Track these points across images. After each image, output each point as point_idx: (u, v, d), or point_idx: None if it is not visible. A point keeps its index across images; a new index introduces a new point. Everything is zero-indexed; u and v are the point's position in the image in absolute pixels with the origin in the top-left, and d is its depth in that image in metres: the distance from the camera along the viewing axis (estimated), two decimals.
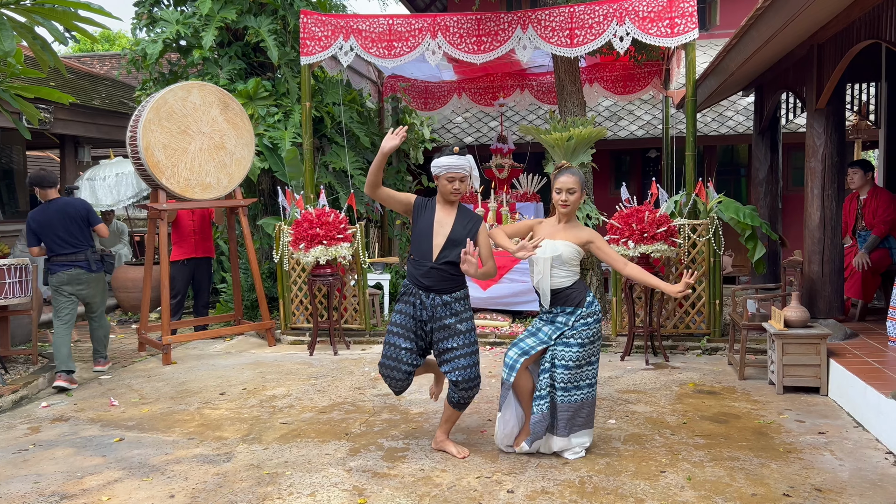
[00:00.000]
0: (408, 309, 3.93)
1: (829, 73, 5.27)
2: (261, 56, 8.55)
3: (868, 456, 3.87)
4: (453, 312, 3.89)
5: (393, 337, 3.95)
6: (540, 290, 3.90)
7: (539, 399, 3.84)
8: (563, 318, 3.88)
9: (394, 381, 3.96)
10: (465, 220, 3.93)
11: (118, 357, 6.87)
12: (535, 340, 3.89)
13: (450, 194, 3.90)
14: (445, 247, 3.86)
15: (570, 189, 3.85)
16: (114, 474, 3.91)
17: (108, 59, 18.28)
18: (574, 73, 7.61)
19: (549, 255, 3.82)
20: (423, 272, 3.87)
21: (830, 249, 5.66)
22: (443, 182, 3.89)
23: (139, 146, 6.32)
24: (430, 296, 3.88)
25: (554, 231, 3.92)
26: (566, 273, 3.86)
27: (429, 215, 3.94)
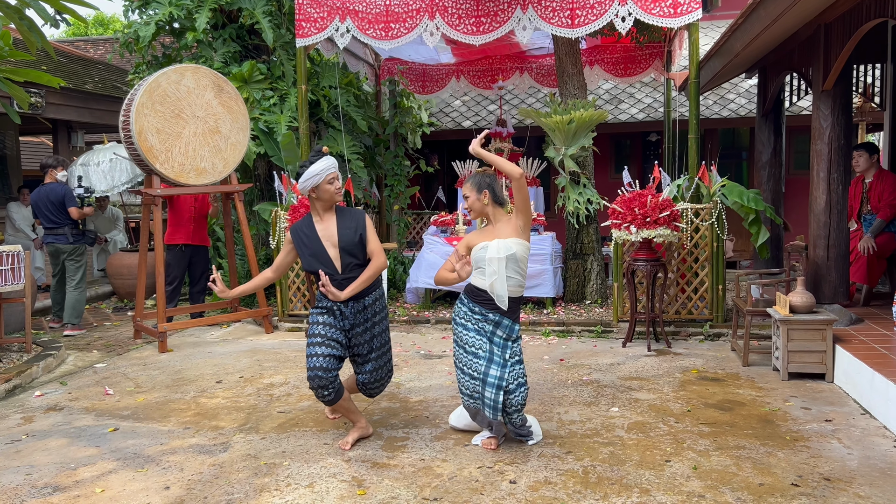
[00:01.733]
0: (328, 319, 3.86)
1: (837, 54, 5.16)
2: (255, 38, 8.40)
3: (876, 444, 3.80)
4: (368, 317, 3.90)
5: (313, 348, 3.82)
6: (495, 294, 3.74)
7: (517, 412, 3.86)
8: (502, 331, 3.80)
9: (324, 389, 3.77)
10: (347, 221, 3.86)
11: (113, 345, 6.78)
12: (497, 368, 3.77)
13: (334, 196, 3.83)
14: (343, 255, 3.80)
15: (465, 196, 3.85)
16: (108, 465, 3.83)
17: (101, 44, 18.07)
18: (575, 54, 7.48)
19: (504, 254, 3.71)
20: (335, 285, 3.80)
21: (836, 234, 5.57)
22: (325, 187, 3.80)
23: (132, 130, 6.20)
24: (349, 304, 3.84)
25: (493, 233, 3.81)
26: (520, 278, 3.79)
27: (311, 233, 3.86)
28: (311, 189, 3.81)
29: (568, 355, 5.87)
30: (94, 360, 6.20)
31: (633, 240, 5.90)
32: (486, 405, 3.76)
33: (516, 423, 3.86)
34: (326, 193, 3.82)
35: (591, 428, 4.14)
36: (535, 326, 6.71)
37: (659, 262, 5.99)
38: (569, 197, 7.28)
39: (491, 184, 3.83)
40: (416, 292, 7.68)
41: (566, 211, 7.34)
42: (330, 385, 3.79)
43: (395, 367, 5.58)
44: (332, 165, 3.83)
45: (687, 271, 6.41)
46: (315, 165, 3.78)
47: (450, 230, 7.87)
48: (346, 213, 3.91)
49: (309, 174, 3.76)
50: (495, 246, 3.73)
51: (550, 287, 7.14)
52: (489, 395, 3.75)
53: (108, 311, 8.78)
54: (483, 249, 3.76)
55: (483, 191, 3.81)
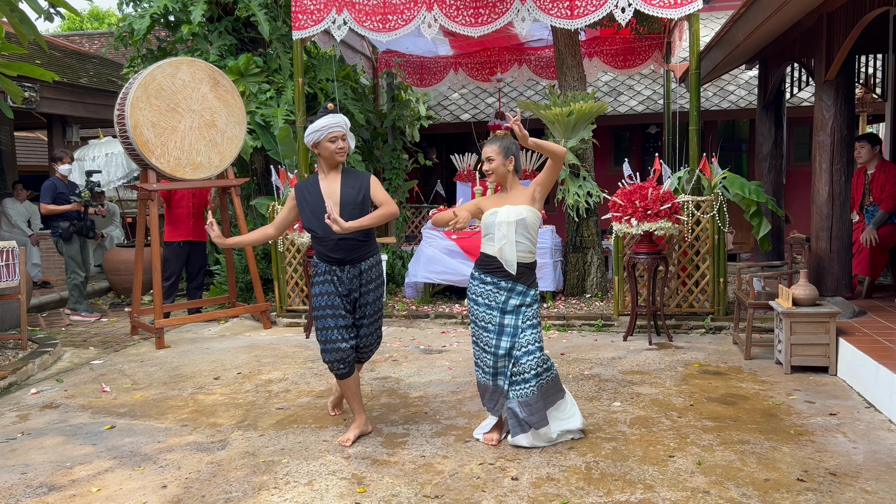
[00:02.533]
0: (328, 288, 3.80)
1: (840, 44, 5.09)
2: (251, 31, 8.32)
3: (882, 438, 3.75)
4: (365, 282, 3.83)
5: (323, 321, 3.81)
6: (504, 259, 3.70)
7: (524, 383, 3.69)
8: (516, 298, 3.72)
9: (339, 362, 3.81)
10: (351, 181, 3.80)
11: (110, 341, 6.72)
12: (508, 339, 3.71)
13: (335, 154, 3.76)
14: (342, 215, 3.72)
15: (488, 157, 3.75)
16: (104, 464, 3.78)
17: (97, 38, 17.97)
18: (574, 46, 7.41)
19: (514, 218, 3.67)
20: (331, 246, 3.75)
21: (839, 226, 5.52)
22: (325, 144, 3.75)
23: (127, 125, 6.13)
24: (344, 268, 3.78)
25: (505, 200, 3.76)
26: (530, 244, 3.72)
27: (314, 190, 3.81)
28: (312, 144, 3.79)
29: (569, 349, 5.83)
30: (91, 356, 6.14)
31: (634, 233, 5.84)
32: (496, 376, 3.74)
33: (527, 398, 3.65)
34: (326, 151, 3.77)
35: (594, 423, 4.09)
36: None
37: (660, 255, 5.94)
38: (568, 190, 7.22)
39: (516, 152, 3.78)
40: (415, 287, 7.63)
41: (566, 204, 7.28)
42: (346, 359, 3.82)
43: (395, 362, 5.55)
44: (335, 124, 3.75)
45: (688, 264, 6.36)
46: (318, 122, 3.75)
47: None
48: (352, 174, 3.85)
49: (310, 129, 3.75)
50: (505, 211, 3.69)
51: (550, 281, 7.09)
52: (501, 364, 3.72)
53: (104, 306, 8.71)
54: (493, 215, 3.71)
55: (510, 157, 3.75)
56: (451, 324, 6.89)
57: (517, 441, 3.75)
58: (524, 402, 3.69)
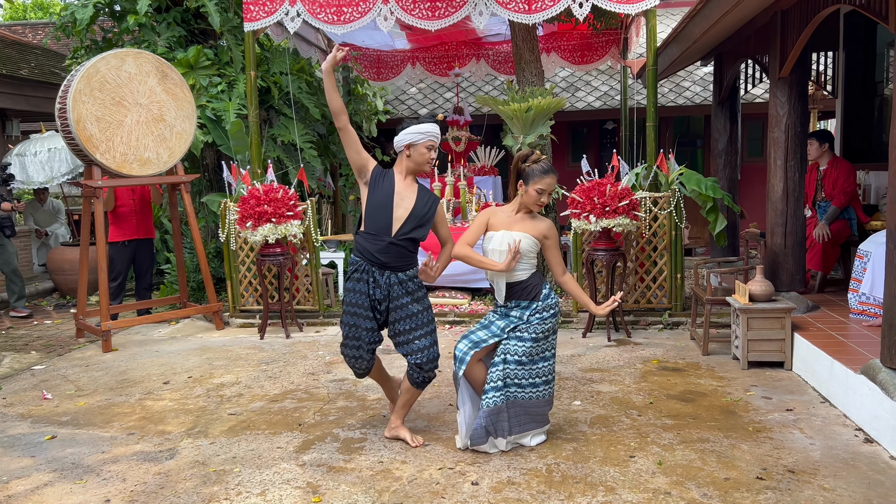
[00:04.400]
0: (361, 287, 3.67)
1: (794, 41, 5.14)
2: (202, 22, 8.05)
3: (838, 433, 3.79)
4: (408, 291, 3.67)
5: (352, 318, 3.70)
6: (495, 286, 3.65)
7: (494, 391, 3.57)
8: (517, 311, 3.64)
9: (358, 362, 3.75)
10: (425, 197, 3.69)
11: (54, 345, 6.45)
12: (487, 333, 3.66)
13: (426, 163, 3.66)
14: (407, 222, 3.61)
15: (551, 193, 3.61)
16: (43, 477, 3.58)
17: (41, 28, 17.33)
18: (532, 41, 7.36)
19: (506, 248, 3.56)
20: (381, 248, 3.61)
21: (793, 221, 5.58)
22: (421, 150, 3.62)
23: (69, 119, 5.86)
24: (384, 273, 3.63)
25: (511, 221, 3.64)
26: (523, 266, 3.60)
27: (387, 186, 3.66)
28: (407, 145, 3.63)
29: None
30: (32, 361, 5.87)
31: (593, 229, 5.82)
32: (456, 358, 3.65)
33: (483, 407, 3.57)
34: (421, 157, 3.64)
35: (555, 423, 4.04)
36: None
37: (618, 251, 5.93)
38: None
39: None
40: None
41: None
42: (362, 356, 3.72)
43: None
44: (438, 134, 3.68)
45: (646, 260, 6.37)
46: (423, 125, 3.62)
47: None
48: (426, 191, 3.73)
49: (414, 129, 3.61)
50: (499, 238, 3.59)
51: None
52: (462, 346, 3.64)
53: (49, 308, 8.38)
54: (489, 240, 3.63)
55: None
56: None
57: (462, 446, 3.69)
58: (486, 411, 3.58)
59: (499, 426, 3.60)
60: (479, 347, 3.62)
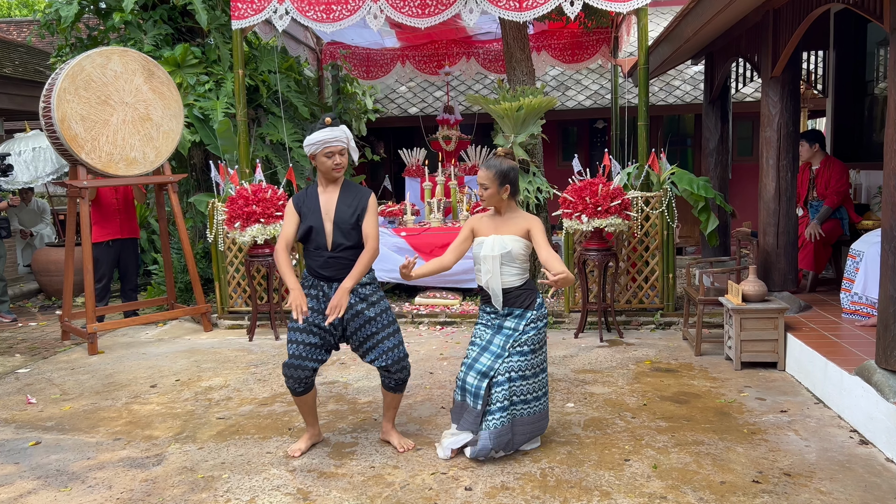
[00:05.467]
0: (311, 303, 3.60)
1: (786, 40, 5.11)
2: (189, 20, 7.95)
3: (833, 435, 3.76)
4: (361, 298, 3.60)
5: (296, 334, 3.59)
6: (490, 291, 3.57)
7: (500, 411, 3.50)
8: (511, 321, 3.57)
9: (298, 381, 3.59)
10: (349, 198, 3.62)
11: (39, 347, 6.34)
12: (490, 357, 3.55)
13: (331, 171, 3.59)
14: (336, 233, 3.56)
15: (483, 185, 3.58)
16: (27, 485, 3.50)
17: (26, 26, 17.10)
18: (523, 39, 7.31)
19: (499, 252, 3.50)
20: (321, 263, 3.57)
21: (785, 221, 5.56)
22: (321, 160, 3.56)
23: (54, 118, 5.76)
24: (332, 286, 3.58)
25: (496, 224, 3.60)
26: (517, 271, 3.55)
27: (312, 203, 3.62)
28: (310, 156, 3.60)
29: None
30: (17, 364, 5.77)
31: (585, 229, 5.78)
32: (468, 392, 3.55)
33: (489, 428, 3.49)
34: (323, 166, 3.58)
35: (548, 426, 3.99)
36: None
37: (610, 251, 5.89)
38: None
39: (513, 177, 3.58)
40: None
41: (515, 200, 7.17)
42: (304, 377, 3.59)
43: (343, 365, 5.37)
44: (334, 138, 3.54)
45: (637, 260, 6.34)
46: (314, 134, 3.54)
47: (398, 220, 7.64)
48: (352, 189, 3.65)
49: (307, 142, 3.55)
50: (490, 243, 3.53)
51: None
52: (471, 380, 3.53)
53: (34, 309, 8.26)
54: (479, 246, 3.57)
55: (505, 185, 3.55)
56: (402, 323, 6.72)
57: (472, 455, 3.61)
58: (491, 430, 3.51)
59: (505, 444, 3.54)
60: (489, 377, 3.52)
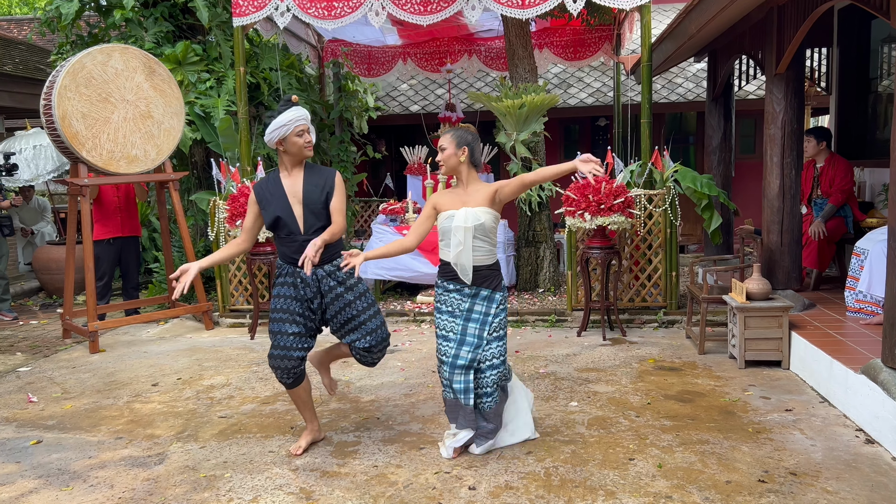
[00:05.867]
0: (288, 291, 3.58)
1: (791, 37, 5.08)
2: (190, 17, 7.93)
3: (838, 434, 3.74)
4: (340, 281, 3.57)
5: (278, 325, 3.57)
6: (459, 266, 3.48)
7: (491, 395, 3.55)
8: (480, 306, 3.52)
9: (286, 372, 3.57)
10: (315, 178, 3.58)
11: (40, 346, 6.32)
12: (469, 348, 3.51)
13: (303, 149, 3.54)
14: (307, 215, 3.52)
15: (441, 147, 3.55)
16: (28, 484, 3.49)
17: (26, 24, 17.07)
18: (525, 36, 7.28)
19: (472, 223, 3.44)
20: (296, 248, 3.52)
21: (789, 219, 5.54)
22: (293, 140, 3.50)
23: (55, 115, 5.74)
24: (312, 270, 3.53)
25: (462, 198, 3.52)
26: (489, 247, 3.51)
27: (277, 190, 3.57)
28: (277, 141, 3.52)
29: (523, 346, 5.71)
30: (18, 363, 5.75)
31: (588, 227, 5.76)
32: (456, 391, 3.50)
33: (486, 412, 3.54)
34: (294, 146, 3.52)
35: (551, 425, 3.98)
36: None
37: (613, 249, 5.87)
38: None
39: (472, 142, 3.55)
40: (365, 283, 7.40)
41: (518, 198, 7.16)
42: (292, 368, 3.56)
43: (345, 363, 5.34)
44: (302, 116, 3.51)
45: (640, 258, 6.32)
46: (282, 116, 3.48)
47: (399, 219, 7.61)
48: (316, 170, 3.61)
49: (276, 125, 3.48)
50: (462, 215, 3.46)
51: (504, 276, 6.96)
52: (458, 377, 3.48)
53: (35, 308, 8.24)
54: (449, 219, 3.49)
55: (462, 147, 3.51)
56: (404, 322, 6.70)
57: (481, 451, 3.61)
58: (487, 413, 3.57)
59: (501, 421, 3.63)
60: (473, 370, 3.51)
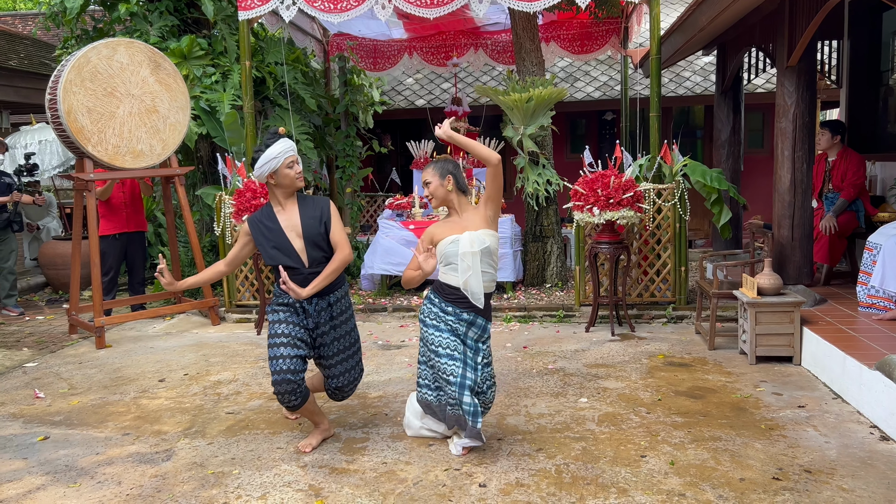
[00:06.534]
0: (292, 318, 3.54)
1: (803, 28, 5.02)
2: (195, 11, 7.88)
3: (853, 431, 3.69)
4: (332, 316, 3.60)
5: (278, 349, 3.50)
6: (470, 292, 3.45)
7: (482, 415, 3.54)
8: (474, 332, 3.52)
9: (292, 394, 3.49)
10: (310, 210, 3.55)
11: (46, 341, 6.31)
12: (471, 371, 3.47)
13: (295, 181, 3.52)
14: (309, 248, 3.50)
15: (425, 182, 3.53)
16: (36, 480, 3.46)
17: (31, 19, 17.06)
18: (533, 30, 7.22)
19: (478, 248, 3.42)
20: (300, 281, 3.50)
21: (801, 213, 5.48)
22: (284, 172, 3.48)
23: (60, 110, 5.71)
24: (312, 301, 3.53)
25: (461, 225, 3.49)
26: (493, 272, 3.53)
27: (273, 224, 3.54)
28: (268, 175, 3.48)
29: (531, 342, 5.68)
30: (24, 358, 5.74)
31: (597, 222, 5.71)
32: (466, 412, 3.42)
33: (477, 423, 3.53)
34: (287, 179, 3.49)
35: (561, 421, 3.95)
36: (497, 312, 6.49)
37: (622, 244, 5.82)
38: (528, 178, 7.05)
39: (454, 171, 3.53)
40: (372, 279, 7.38)
41: (525, 192, 7.12)
42: (297, 390, 3.50)
43: None
44: (290, 148, 3.50)
45: (649, 253, 6.27)
46: (271, 149, 3.44)
47: (406, 213, 7.57)
48: (309, 201, 3.59)
49: (265, 159, 3.43)
50: (468, 239, 3.43)
51: (510, 271, 6.93)
52: (468, 400, 3.41)
53: (41, 303, 8.23)
54: (454, 243, 3.45)
55: (447, 176, 3.50)
56: (410, 317, 6.67)
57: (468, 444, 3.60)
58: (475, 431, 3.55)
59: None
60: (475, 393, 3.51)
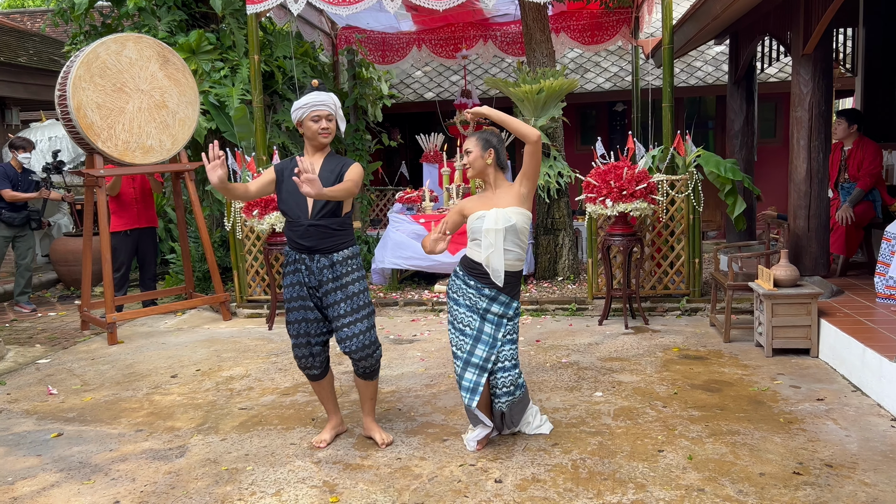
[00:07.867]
0: (296, 278, 3.52)
1: (819, 15, 4.93)
2: (203, 6, 7.86)
3: (873, 424, 3.64)
4: (336, 276, 3.46)
5: (294, 313, 3.53)
6: (491, 269, 3.40)
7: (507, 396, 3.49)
8: (497, 307, 3.45)
9: (310, 360, 3.53)
10: (331, 164, 3.50)
11: (58, 337, 6.32)
12: (484, 348, 3.44)
13: (318, 134, 3.46)
14: (314, 200, 3.42)
15: (466, 150, 3.47)
16: (50, 477, 3.46)
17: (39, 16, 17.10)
18: (543, 20, 7.15)
19: (503, 226, 3.35)
20: (301, 232, 3.45)
21: (817, 203, 5.40)
22: (308, 124, 3.46)
23: (70, 106, 5.70)
24: (314, 258, 3.46)
25: (492, 200, 3.44)
26: (520, 251, 3.44)
27: (294, 170, 3.48)
28: (297, 123, 3.53)
29: (544, 335, 5.64)
30: (37, 355, 5.75)
31: (609, 214, 5.65)
32: (462, 387, 3.41)
33: (504, 410, 3.49)
34: (309, 131, 3.48)
35: (577, 416, 3.91)
36: None
37: (635, 236, 5.77)
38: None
39: (497, 145, 3.47)
40: (383, 273, 7.35)
41: (536, 185, 7.05)
42: (318, 355, 3.54)
43: None
44: (320, 101, 3.45)
45: (663, 245, 6.21)
46: (302, 98, 3.47)
47: (416, 207, 7.53)
48: (336, 159, 3.54)
49: (295, 106, 3.49)
50: (493, 216, 3.38)
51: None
52: (469, 376, 3.40)
53: (53, 299, 8.25)
54: (480, 219, 3.41)
55: (489, 149, 3.43)
56: (422, 311, 6.64)
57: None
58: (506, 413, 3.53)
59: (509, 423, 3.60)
60: (486, 371, 3.43)
